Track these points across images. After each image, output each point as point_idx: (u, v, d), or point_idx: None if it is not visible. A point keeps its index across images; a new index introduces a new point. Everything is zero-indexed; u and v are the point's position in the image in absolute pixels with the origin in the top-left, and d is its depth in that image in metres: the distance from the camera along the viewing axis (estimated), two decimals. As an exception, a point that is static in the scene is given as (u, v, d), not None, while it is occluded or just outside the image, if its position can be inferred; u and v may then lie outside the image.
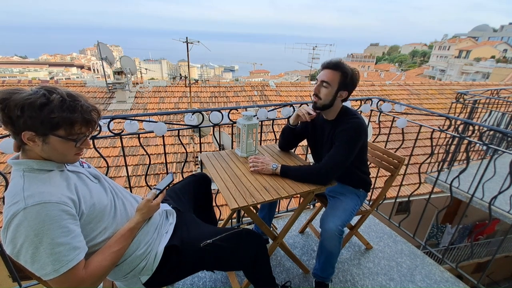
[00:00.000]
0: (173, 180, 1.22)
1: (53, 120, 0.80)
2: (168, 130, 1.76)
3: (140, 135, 1.79)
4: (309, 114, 1.53)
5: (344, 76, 1.39)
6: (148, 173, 4.69)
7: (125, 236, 0.97)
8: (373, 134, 5.17)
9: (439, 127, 2.32)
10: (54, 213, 0.77)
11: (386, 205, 3.99)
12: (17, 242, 0.74)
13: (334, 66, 1.40)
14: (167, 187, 1.20)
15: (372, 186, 1.75)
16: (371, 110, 2.55)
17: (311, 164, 1.52)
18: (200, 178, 1.53)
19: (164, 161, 2.16)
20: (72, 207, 0.82)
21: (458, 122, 3.04)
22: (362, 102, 2.52)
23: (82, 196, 0.88)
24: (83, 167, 1.01)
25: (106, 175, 1.14)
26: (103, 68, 6.83)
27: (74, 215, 0.82)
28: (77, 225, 0.83)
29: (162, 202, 1.32)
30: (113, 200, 1.01)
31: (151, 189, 2.06)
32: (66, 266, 0.77)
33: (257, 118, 1.99)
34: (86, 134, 0.89)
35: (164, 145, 1.94)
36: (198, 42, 6.52)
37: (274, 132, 2.28)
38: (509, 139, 3.62)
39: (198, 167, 5.00)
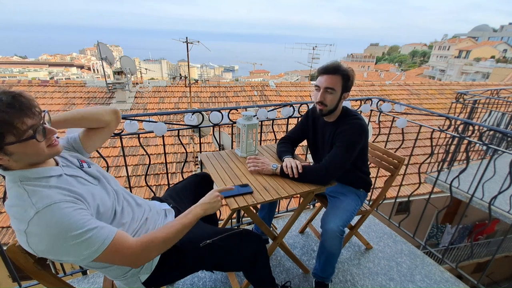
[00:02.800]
0: (250, 192, 1.30)
1: None
2: (168, 130, 1.76)
3: (140, 135, 1.79)
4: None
5: (346, 79, 1.40)
6: (148, 173, 4.69)
7: (183, 224, 0.99)
8: (373, 134, 5.18)
9: (439, 127, 2.32)
10: (68, 210, 0.76)
11: (386, 205, 4.00)
12: (43, 246, 0.75)
13: (334, 70, 1.38)
14: (240, 195, 1.27)
15: (372, 186, 1.75)
16: (371, 110, 2.56)
17: (311, 164, 1.52)
18: (202, 178, 1.53)
19: (164, 161, 2.16)
20: (82, 204, 0.82)
21: (458, 122, 3.04)
22: (362, 102, 2.53)
23: (86, 199, 0.87)
24: (82, 167, 0.98)
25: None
26: (103, 68, 6.84)
27: (86, 209, 0.82)
28: (92, 215, 0.83)
29: (162, 201, 1.32)
30: (114, 203, 0.99)
31: (151, 189, 2.05)
32: (103, 244, 0.78)
33: (257, 118, 1.99)
34: (38, 124, 0.78)
35: (164, 145, 1.94)
36: (198, 42, 6.52)
37: (274, 132, 2.27)
38: (509, 139, 3.62)
39: (198, 167, 5.00)
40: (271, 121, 2.17)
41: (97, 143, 1.12)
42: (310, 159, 1.98)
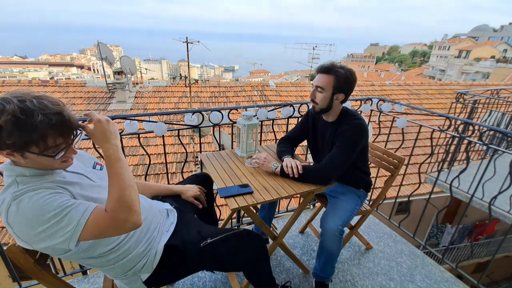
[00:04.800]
0: (251, 192, 1.30)
1: (16, 142, 0.74)
2: (168, 130, 1.77)
3: (140, 135, 1.79)
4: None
5: (337, 79, 1.38)
6: (148, 173, 4.69)
7: (122, 166, 0.86)
8: (373, 134, 5.17)
9: (439, 127, 2.32)
10: (43, 194, 0.77)
11: (386, 205, 3.99)
12: (30, 234, 0.75)
13: (326, 70, 1.39)
14: (240, 195, 1.28)
15: (372, 186, 1.75)
16: (371, 110, 2.55)
17: (311, 164, 1.52)
18: (202, 178, 1.53)
19: (164, 161, 2.16)
20: (65, 192, 0.82)
21: (458, 122, 3.04)
22: (362, 102, 2.52)
23: (78, 193, 0.87)
24: (95, 168, 1.00)
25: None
26: (103, 68, 6.84)
27: (68, 196, 0.81)
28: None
29: (163, 201, 1.32)
30: None
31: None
32: (83, 216, 0.77)
33: (257, 118, 1.99)
34: (64, 145, 0.82)
35: (164, 145, 1.94)
36: (198, 42, 6.52)
37: (274, 132, 2.27)
38: (509, 139, 3.62)
39: (198, 167, 5.00)
40: (271, 121, 2.17)
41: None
42: (310, 159, 1.98)
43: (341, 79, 1.38)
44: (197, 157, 5.22)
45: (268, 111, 2.07)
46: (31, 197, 0.75)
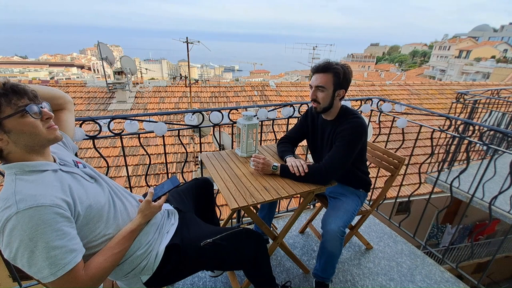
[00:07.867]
0: (179, 185, 1.22)
1: None
2: (168, 130, 1.76)
3: (140, 135, 1.79)
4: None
5: (337, 77, 1.39)
6: (148, 173, 4.69)
7: (126, 238, 0.97)
8: (373, 134, 5.18)
9: (439, 127, 2.32)
10: (48, 217, 0.76)
11: (386, 205, 3.99)
12: (12, 247, 0.74)
13: (324, 68, 1.39)
14: (171, 190, 1.20)
15: (372, 186, 1.74)
16: (371, 110, 2.55)
17: (311, 164, 1.52)
18: (203, 182, 1.53)
19: (164, 161, 2.16)
20: (67, 210, 0.80)
21: (459, 122, 3.04)
22: (362, 102, 2.52)
23: (78, 197, 0.86)
24: (78, 167, 0.98)
25: (106, 175, 1.14)
26: (103, 68, 6.84)
27: (68, 217, 0.80)
28: (73, 227, 0.81)
29: (165, 202, 1.32)
30: (112, 200, 0.99)
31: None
32: (63, 269, 0.76)
33: (257, 118, 1.99)
34: (33, 103, 0.83)
35: (164, 145, 1.94)
36: (198, 42, 6.53)
37: (274, 132, 2.27)
38: (509, 139, 3.62)
39: (198, 167, 5.00)
40: (271, 121, 2.17)
41: (70, 124, 1.15)
42: (310, 159, 1.98)
43: (340, 75, 1.39)
44: (197, 157, 5.22)
45: (268, 111, 2.07)
46: (34, 216, 0.74)
